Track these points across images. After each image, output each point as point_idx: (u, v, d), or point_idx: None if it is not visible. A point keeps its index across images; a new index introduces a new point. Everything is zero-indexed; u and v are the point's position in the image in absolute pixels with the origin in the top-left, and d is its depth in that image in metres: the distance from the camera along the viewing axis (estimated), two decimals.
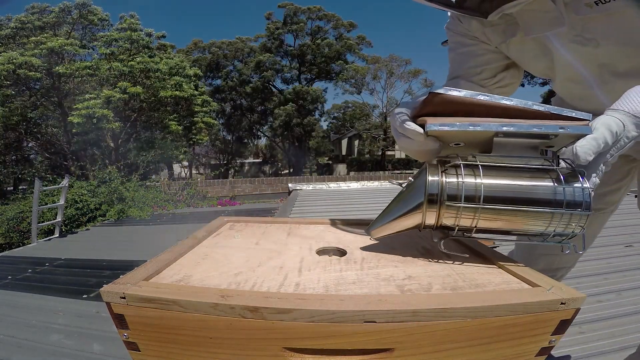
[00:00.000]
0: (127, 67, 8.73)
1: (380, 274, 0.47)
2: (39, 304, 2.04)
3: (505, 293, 0.40)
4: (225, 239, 0.64)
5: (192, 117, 11.31)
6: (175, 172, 19.87)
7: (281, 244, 0.60)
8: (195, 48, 20.81)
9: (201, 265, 0.49)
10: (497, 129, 0.46)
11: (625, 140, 0.47)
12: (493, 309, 0.37)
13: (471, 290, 0.42)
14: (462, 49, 0.75)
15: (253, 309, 0.36)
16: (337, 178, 9.19)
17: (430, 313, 0.36)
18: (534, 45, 0.65)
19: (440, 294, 0.40)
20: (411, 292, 0.41)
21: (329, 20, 20.62)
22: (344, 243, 0.61)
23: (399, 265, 0.50)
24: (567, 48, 0.61)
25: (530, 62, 0.70)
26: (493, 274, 0.47)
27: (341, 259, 0.53)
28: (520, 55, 0.70)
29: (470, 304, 0.37)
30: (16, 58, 7.67)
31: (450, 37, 0.76)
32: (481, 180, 0.46)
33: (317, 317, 0.36)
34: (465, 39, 0.74)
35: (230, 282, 0.43)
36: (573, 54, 0.61)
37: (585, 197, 0.45)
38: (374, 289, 0.42)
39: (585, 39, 0.58)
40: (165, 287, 0.40)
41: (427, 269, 0.49)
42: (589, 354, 1.25)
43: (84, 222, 5.40)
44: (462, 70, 0.76)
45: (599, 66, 0.61)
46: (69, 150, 9.62)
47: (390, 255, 0.55)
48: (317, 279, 0.45)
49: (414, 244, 0.61)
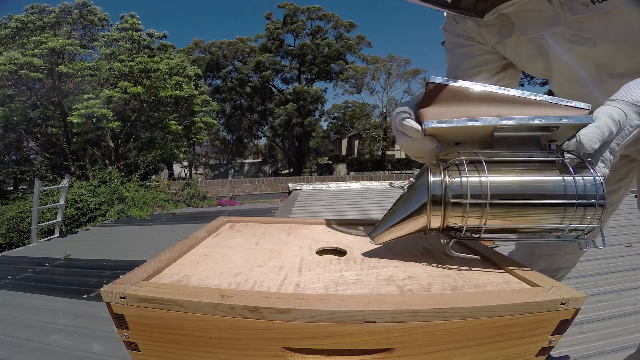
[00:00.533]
0: (127, 67, 8.72)
1: (380, 274, 0.47)
2: (39, 304, 2.03)
3: (506, 293, 0.40)
4: (225, 239, 0.64)
5: (192, 117, 11.32)
6: (175, 172, 19.86)
7: (281, 244, 0.60)
8: (196, 48, 20.82)
9: (201, 265, 0.49)
10: (496, 123, 0.45)
11: (630, 128, 0.46)
12: (493, 309, 0.37)
13: (471, 290, 0.42)
14: (458, 50, 0.74)
15: (253, 309, 0.36)
16: (337, 178, 9.19)
17: (431, 313, 0.36)
18: (530, 45, 0.65)
19: (441, 294, 0.40)
20: (411, 292, 0.41)
21: (328, 20, 20.63)
22: (344, 243, 0.61)
23: (399, 266, 0.50)
24: (564, 48, 0.60)
25: (527, 62, 0.70)
26: (493, 274, 0.47)
27: (341, 259, 0.53)
28: (516, 55, 0.70)
29: (471, 303, 0.37)
30: (17, 58, 7.66)
31: (447, 38, 0.76)
32: (486, 176, 0.44)
33: (317, 317, 0.36)
34: (461, 39, 0.73)
35: (230, 282, 0.43)
36: (570, 54, 0.60)
37: (598, 188, 0.42)
38: (374, 289, 0.42)
39: (582, 39, 0.57)
40: (165, 287, 0.40)
41: (427, 269, 0.49)
42: (589, 354, 1.25)
43: (84, 222, 5.40)
44: (459, 71, 0.75)
45: (597, 67, 0.60)
46: (69, 150, 9.61)
47: (390, 255, 0.55)
48: (317, 279, 0.45)
49: (414, 244, 0.61)
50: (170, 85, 9.37)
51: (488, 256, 0.53)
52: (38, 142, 10.37)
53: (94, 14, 10.17)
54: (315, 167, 24.42)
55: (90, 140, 8.91)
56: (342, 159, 26.14)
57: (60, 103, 9.28)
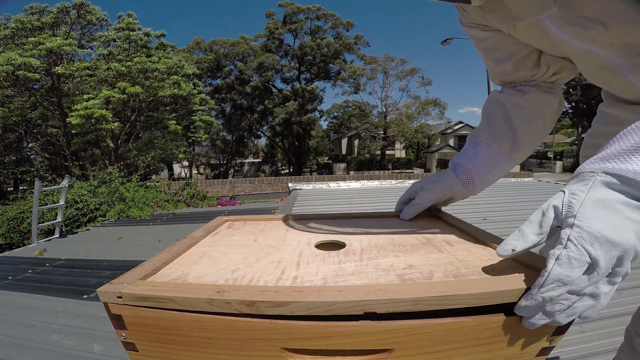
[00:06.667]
0: (125, 68, 8.72)
1: (380, 264, 0.46)
2: (39, 304, 2.03)
3: (511, 278, 0.38)
4: (224, 237, 0.64)
5: (191, 116, 11.32)
6: (175, 172, 19.87)
7: (280, 240, 0.60)
8: (197, 47, 20.82)
9: (198, 263, 0.49)
10: None
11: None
12: (498, 294, 0.36)
13: (474, 277, 0.41)
14: (483, 45, 0.66)
15: (249, 303, 0.36)
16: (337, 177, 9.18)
17: (433, 301, 0.35)
18: (536, 31, 0.54)
19: (443, 282, 0.39)
20: (412, 281, 0.40)
21: (327, 19, 20.64)
22: (343, 236, 0.60)
23: (400, 255, 0.49)
24: (570, 33, 0.48)
25: (547, 49, 0.60)
26: (496, 261, 0.46)
27: (340, 251, 0.52)
28: (533, 42, 0.59)
29: (474, 290, 0.36)
30: (15, 59, 7.66)
31: (467, 32, 0.68)
32: None
33: (315, 309, 0.35)
34: (477, 30, 0.64)
35: (227, 279, 0.43)
36: (581, 39, 0.48)
37: None
38: (373, 279, 0.41)
39: (587, 21, 0.45)
40: (162, 285, 0.40)
41: (428, 257, 0.48)
42: (589, 354, 1.25)
43: (84, 222, 5.40)
44: (499, 73, 0.68)
45: (625, 47, 0.46)
46: (69, 150, 9.61)
47: (390, 246, 0.54)
48: (315, 271, 0.45)
49: (414, 235, 0.60)
50: (168, 84, 9.37)
51: (490, 243, 0.52)
52: (38, 142, 10.37)
53: (92, 14, 10.16)
54: (315, 166, 24.42)
55: (90, 140, 8.91)
56: (342, 159, 26.14)
57: (60, 103, 9.28)
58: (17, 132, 10.09)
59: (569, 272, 0.32)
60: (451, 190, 0.68)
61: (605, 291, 0.33)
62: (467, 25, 0.66)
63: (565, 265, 0.32)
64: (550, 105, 0.67)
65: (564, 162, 23.21)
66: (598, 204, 0.32)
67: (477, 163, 0.67)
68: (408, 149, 26.69)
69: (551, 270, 0.32)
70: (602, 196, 0.33)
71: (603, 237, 0.31)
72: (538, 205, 0.38)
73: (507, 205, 3.76)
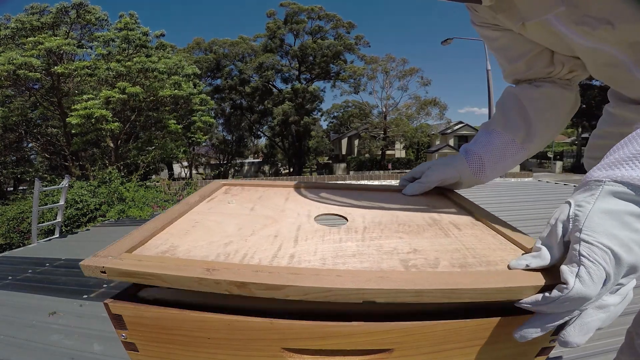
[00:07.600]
0: (125, 68, 8.71)
1: (383, 245, 0.44)
2: (39, 304, 2.03)
3: (521, 275, 0.37)
4: (219, 204, 0.59)
5: (191, 116, 11.32)
6: (175, 172, 19.87)
7: (278, 210, 0.56)
8: (197, 47, 20.81)
9: (190, 234, 0.46)
10: None
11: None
12: (507, 291, 0.34)
13: (482, 269, 0.38)
14: (495, 44, 0.67)
15: (240, 284, 0.33)
16: (337, 177, 9.18)
17: (437, 293, 0.34)
18: (544, 30, 0.54)
19: (449, 272, 0.37)
20: (416, 269, 0.38)
21: (329, 20, 20.65)
22: (345, 209, 0.57)
23: (404, 237, 0.46)
24: (578, 32, 0.49)
25: (555, 48, 0.60)
26: (505, 250, 0.44)
27: (341, 228, 0.49)
28: (542, 41, 0.59)
29: (481, 285, 0.34)
30: (16, 59, 7.66)
31: (479, 32, 0.68)
32: None
33: (311, 295, 0.33)
34: (488, 30, 0.64)
35: (219, 254, 0.40)
36: (588, 37, 0.49)
37: None
38: (375, 263, 0.39)
39: (594, 20, 0.46)
40: (148, 259, 0.37)
41: (434, 242, 0.45)
42: (589, 354, 1.25)
43: (84, 222, 5.39)
44: (512, 72, 0.68)
45: (630, 46, 0.47)
46: (69, 150, 9.61)
47: (394, 225, 0.51)
48: (314, 250, 0.42)
49: (420, 213, 0.56)
50: (169, 84, 9.37)
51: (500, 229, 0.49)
52: (38, 142, 10.38)
53: (92, 14, 10.15)
54: (315, 166, 24.43)
55: (89, 140, 8.91)
56: (342, 159, 26.13)
57: (60, 103, 9.28)
58: (17, 132, 10.10)
59: (592, 290, 0.31)
60: (459, 175, 0.66)
61: (615, 302, 0.33)
62: (479, 25, 0.66)
63: (588, 283, 0.31)
64: (566, 100, 0.67)
65: (564, 162, 23.18)
66: (604, 216, 0.31)
67: (489, 150, 0.66)
68: (408, 149, 26.69)
69: (573, 287, 0.31)
70: (610, 207, 0.32)
71: (610, 250, 0.30)
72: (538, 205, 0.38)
73: (507, 205, 3.76)
